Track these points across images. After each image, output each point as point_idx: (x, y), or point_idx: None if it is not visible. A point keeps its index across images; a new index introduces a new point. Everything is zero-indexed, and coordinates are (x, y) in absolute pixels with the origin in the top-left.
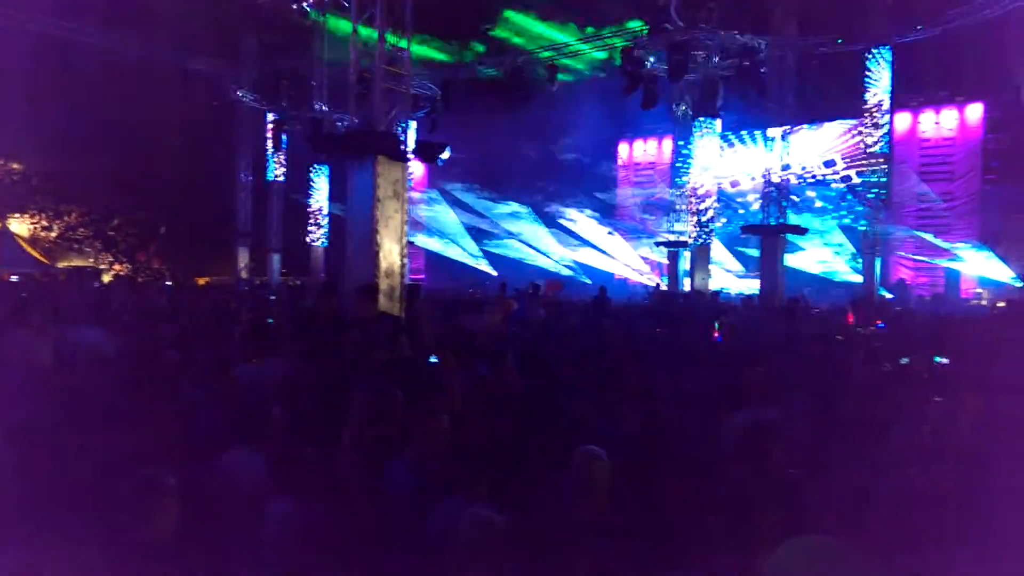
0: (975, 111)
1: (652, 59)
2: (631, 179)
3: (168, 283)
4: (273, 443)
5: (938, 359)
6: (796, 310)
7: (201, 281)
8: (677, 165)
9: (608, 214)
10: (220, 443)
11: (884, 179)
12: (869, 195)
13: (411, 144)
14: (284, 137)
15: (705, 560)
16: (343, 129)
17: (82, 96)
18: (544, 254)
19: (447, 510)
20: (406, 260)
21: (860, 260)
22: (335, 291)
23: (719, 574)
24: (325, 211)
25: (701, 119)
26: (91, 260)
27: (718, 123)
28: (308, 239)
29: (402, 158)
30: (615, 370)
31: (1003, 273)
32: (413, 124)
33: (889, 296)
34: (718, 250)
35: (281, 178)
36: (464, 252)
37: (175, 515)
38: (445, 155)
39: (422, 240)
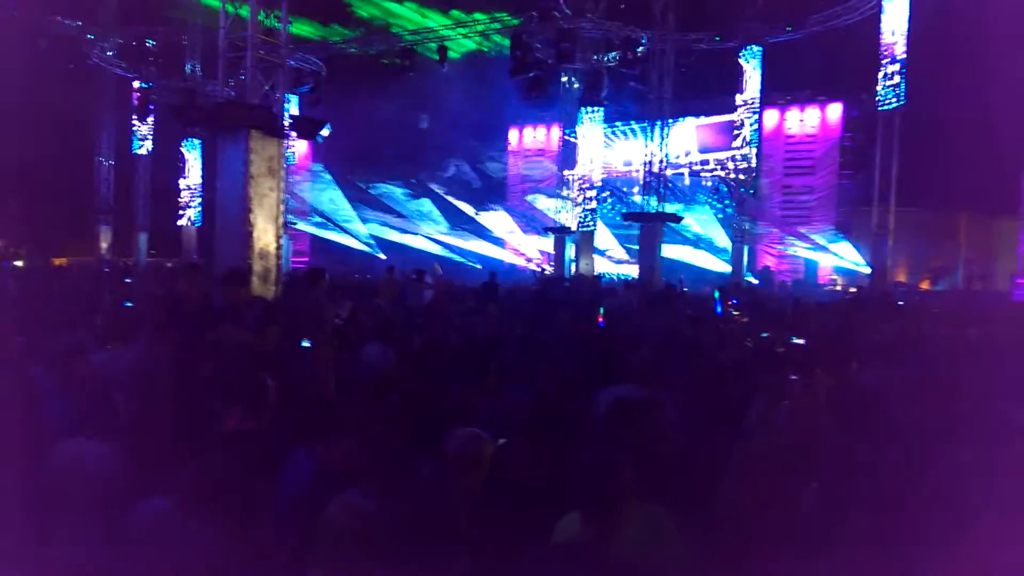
0: (835, 110)
1: (540, 45)
2: (520, 165)
3: (19, 263)
4: (126, 434)
5: (795, 339)
6: (672, 294)
7: (58, 262)
8: (564, 152)
9: (496, 198)
10: (69, 434)
11: (754, 172)
12: (740, 187)
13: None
14: (151, 107)
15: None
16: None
17: None
18: (432, 240)
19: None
20: (282, 241)
21: (729, 249)
22: (201, 273)
23: (590, 550)
24: (198, 188)
25: (586, 108)
26: None
27: (602, 112)
28: (179, 218)
29: (278, 133)
30: (502, 353)
31: (855, 261)
32: (294, 99)
33: (755, 282)
34: (602, 236)
35: (148, 152)
36: (351, 236)
37: None
38: (325, 131)
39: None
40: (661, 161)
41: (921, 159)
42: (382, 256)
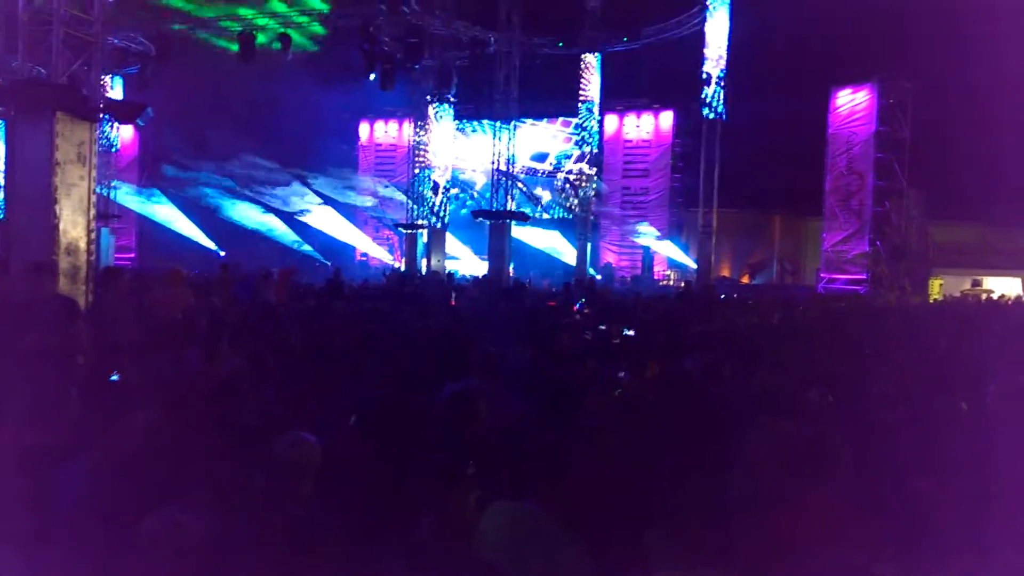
0: (667, 118)
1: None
2: (372, 159)
3: None
4: None
5: (627, 331)
6: (520, 291)
7: None
8: (415, 149)
9: (347, 192)
10: None
11: (596, 173)
12: (583, 187)
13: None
14: None
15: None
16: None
17: None
18: (275, 236)
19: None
20: (94, 235)
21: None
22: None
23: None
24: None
25: (436, 105)
26: None
27: (452, 110)
28: None
29: (90, 116)
30: (345, 352)
31: (685, 258)
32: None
33: (598, 277)
34: (452, 232)
35: None
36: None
37: None
38: (145, 117)
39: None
40: (508, 160)
41: (741, 164)
42: (221, 252)
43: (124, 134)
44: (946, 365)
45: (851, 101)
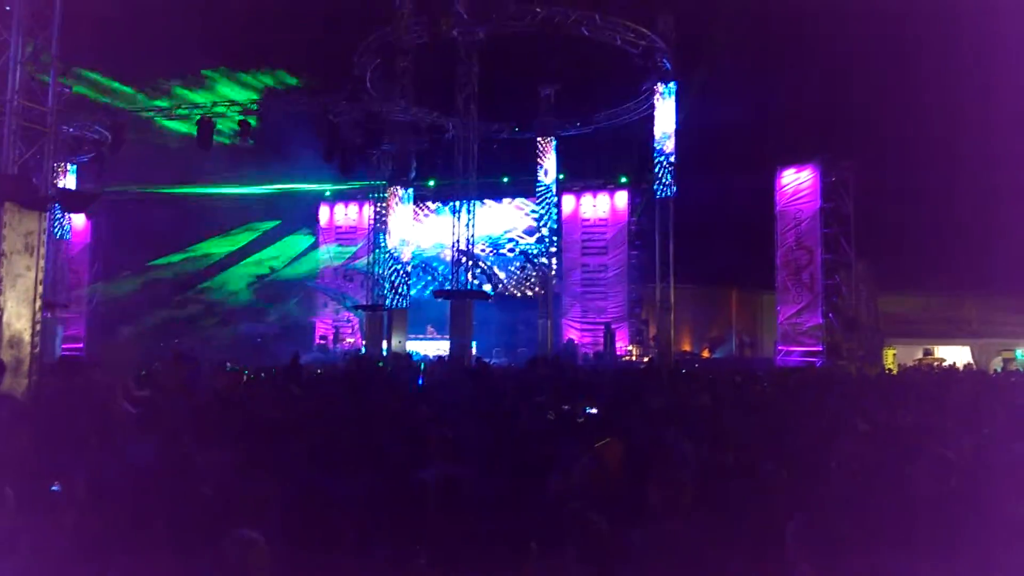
0: (622, 198)
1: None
2: (332, 241)
3: None
4: None
5: (589, 409)
6: (482, 371)
7: None
8: (375, 229)
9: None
10: None
11: (554, 252)
12: (543, 266)
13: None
14: None
15: None
16: None
17: None
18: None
19: None
20: (39, 326)
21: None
22: None
23: None
24: None
25: (396, 187)
26: None
27: (412, 192)
28: None
29: (39, 206)
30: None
31: (646, 333)
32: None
33: (560, 355)
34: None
35: None
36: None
37: None
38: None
39: None
40: (468, 240)
41: (696, 241)
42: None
43: (76, 220)
44: (911, 435)
45: (796, 180)
